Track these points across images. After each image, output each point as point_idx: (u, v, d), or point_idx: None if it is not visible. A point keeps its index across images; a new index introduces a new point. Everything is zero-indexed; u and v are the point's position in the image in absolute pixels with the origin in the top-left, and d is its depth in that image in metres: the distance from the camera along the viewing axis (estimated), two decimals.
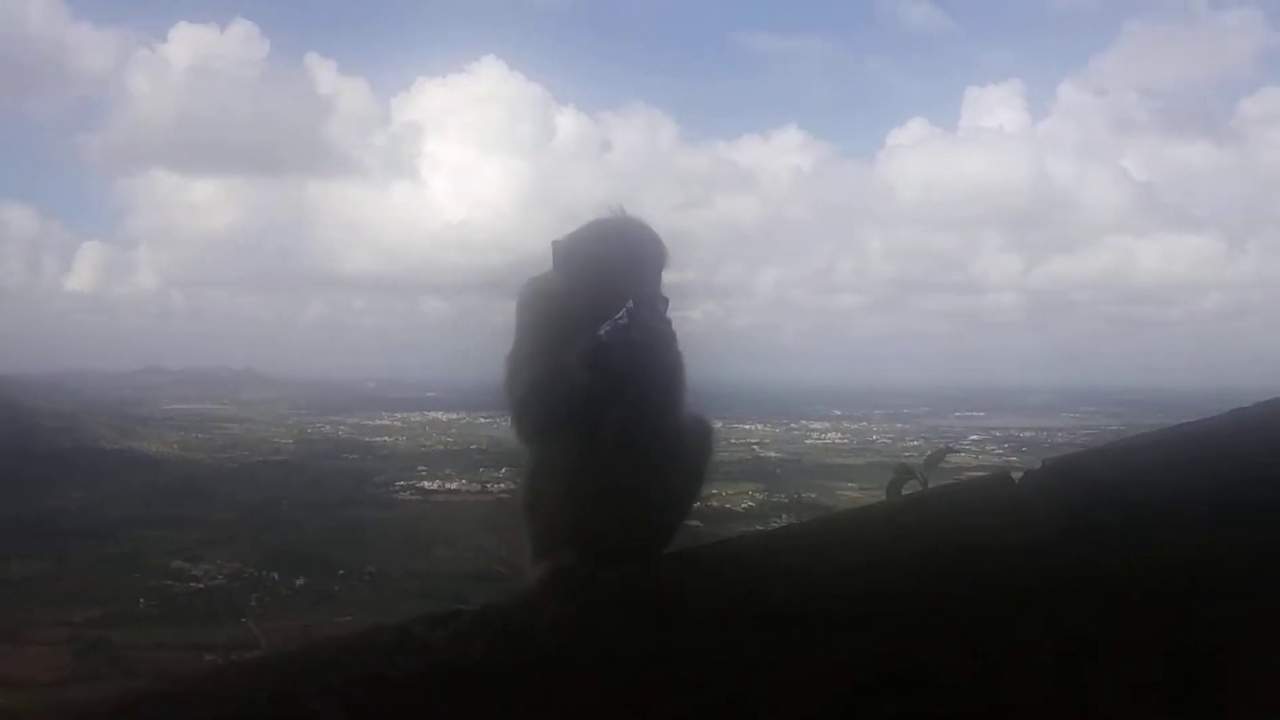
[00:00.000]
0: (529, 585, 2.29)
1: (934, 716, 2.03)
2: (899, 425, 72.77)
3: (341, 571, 41.92)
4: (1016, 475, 2.35)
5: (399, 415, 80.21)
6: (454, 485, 54.64)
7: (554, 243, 2.43)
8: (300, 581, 40.71)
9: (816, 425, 70.96)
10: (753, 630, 2.08)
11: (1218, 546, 2.13)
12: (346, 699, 1.99)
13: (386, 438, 69.94)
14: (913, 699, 2.04)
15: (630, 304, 2.22)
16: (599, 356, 2.19)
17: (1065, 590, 2.12)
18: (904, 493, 2.79)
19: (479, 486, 53.84)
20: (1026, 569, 2.13)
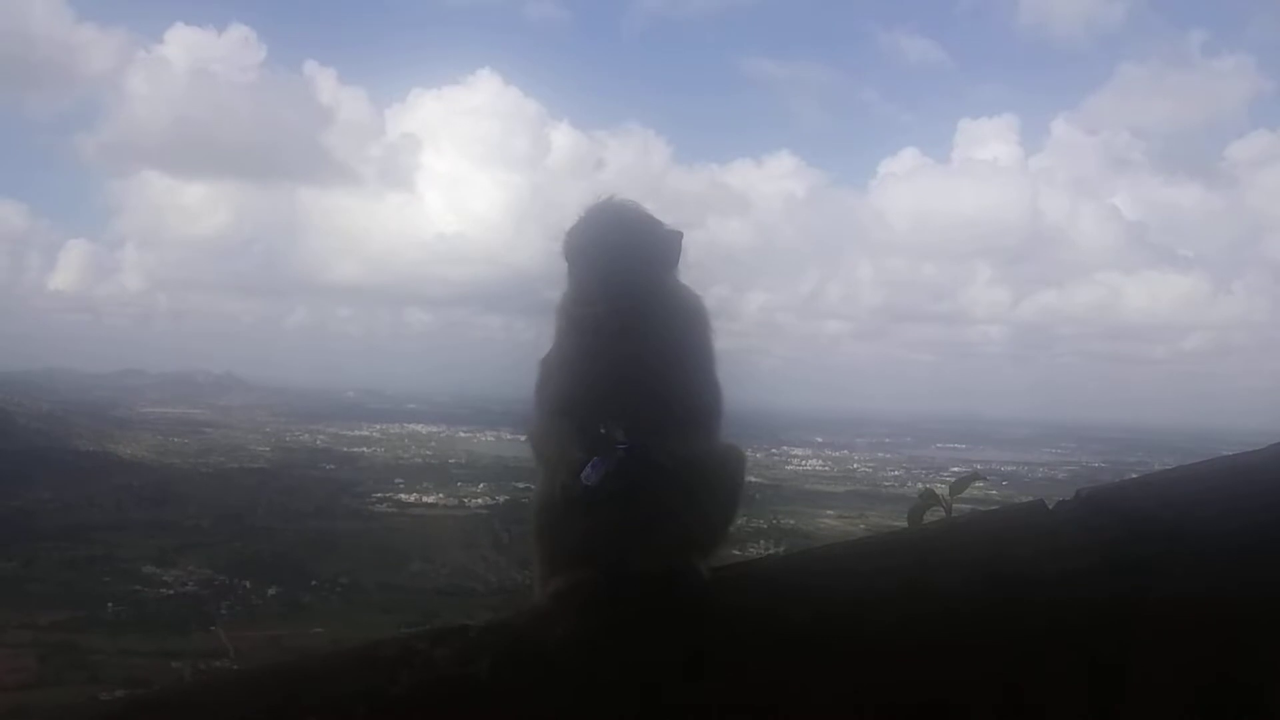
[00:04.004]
0: (538, 602, 2.18)
1: None
2: (880, 455, 72.85)
3: (314, 582, 41.49)
4: (1050, 504, 2.27)
5: (378, 426, 79.61)
6: (431, 499, 54.24)
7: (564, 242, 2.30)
8: (272, 591, 40.27)
9: (798, 451, 70.75)
10: (775, 653, 1.98)
11: (1257, 581, 2.06)
12: (345, 715, 1.89)
13: (365, 448, 69.42)
14: None
15: (620, 444, 2.10)
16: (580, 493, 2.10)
17: (1100, 622, 2.04)
18: (926, 519, 2.71)
19: (456, 501, 53.53)
20: (1061, 600, 2.05)
